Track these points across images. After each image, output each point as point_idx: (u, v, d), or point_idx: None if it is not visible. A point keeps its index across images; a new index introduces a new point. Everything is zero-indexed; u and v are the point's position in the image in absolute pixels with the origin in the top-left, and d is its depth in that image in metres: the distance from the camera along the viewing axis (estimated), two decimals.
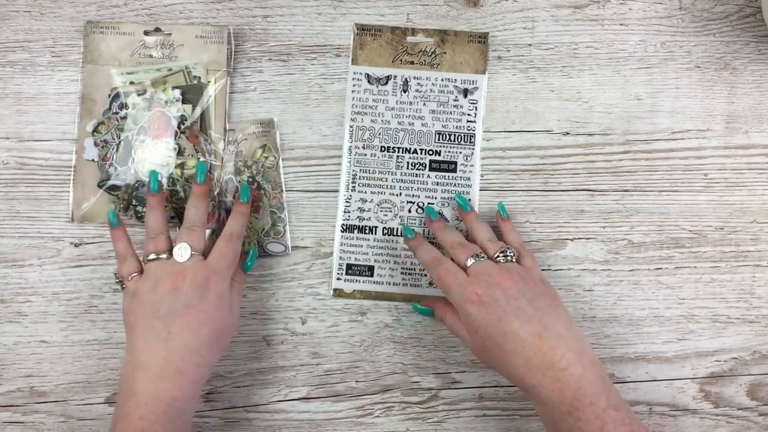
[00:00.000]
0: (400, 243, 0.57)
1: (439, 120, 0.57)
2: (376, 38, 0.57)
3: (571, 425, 0.44)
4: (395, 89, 0.57)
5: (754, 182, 0.58)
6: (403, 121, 0.57)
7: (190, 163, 0.57)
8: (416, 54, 0.57)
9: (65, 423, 0.57)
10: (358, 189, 0.57)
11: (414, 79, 0.57)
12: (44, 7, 0.59)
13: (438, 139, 0.57)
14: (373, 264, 0.57)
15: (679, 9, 0.59)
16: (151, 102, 0.58)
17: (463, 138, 0.57)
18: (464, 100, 0.57)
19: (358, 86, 0.57)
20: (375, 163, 0.57)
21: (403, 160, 0.57)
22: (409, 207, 0.57)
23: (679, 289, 0.58)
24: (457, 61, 0.57)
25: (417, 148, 0.57)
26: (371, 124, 0.57)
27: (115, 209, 0.57)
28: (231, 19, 0.59)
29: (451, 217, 0.57)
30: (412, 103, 0.57)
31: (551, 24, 0.59)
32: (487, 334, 0.47)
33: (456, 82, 0.57)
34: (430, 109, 0.57)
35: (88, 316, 0.58)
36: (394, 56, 0.57)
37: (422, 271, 0.57)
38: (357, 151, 0.57)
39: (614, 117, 0.58)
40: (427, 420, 0.57)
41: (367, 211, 0.57)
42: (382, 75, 0.57)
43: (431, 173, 0.57)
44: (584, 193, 0.58)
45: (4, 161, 0.58)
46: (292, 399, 0.57)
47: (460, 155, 0.57)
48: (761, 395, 0.57)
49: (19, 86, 0.59)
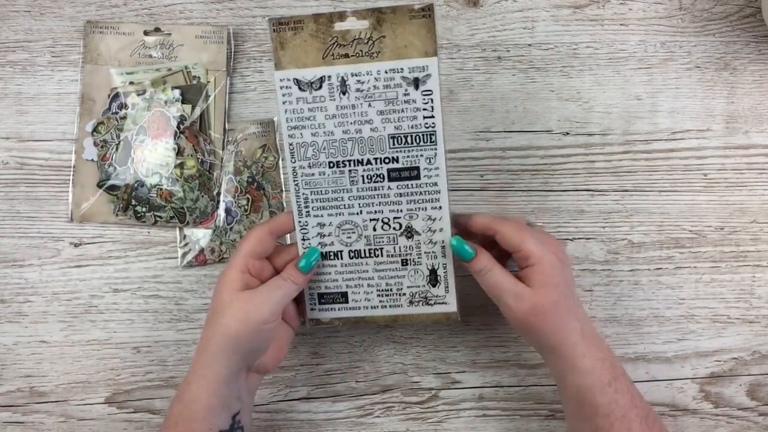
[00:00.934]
0: (370, 264, 0.51)
1: (390, 121, 0.48)
2: (298, 32, 0.47)
3: (610, 398, 0.45)
4: (332, 92, 0.48)
5: (754, 182, 0.58)
6: (349, 129, 0.48)
7: (190, 163, 0.57)
8: (350, 44, 0.47)
9: (65, 423, 0.57)
10: (313, 213, 0.50)
11: (352, 77, 0.47)
12: (44, 7, 0.59)
13: (393, 143, 0.48)
14: (345, 290, 0.52)
15: (679, 9, 0.59)
16: (150, 102, 0.58)
17: (422, 138, 0.48)
18: (416, 92, 0.47)
19: (288, 95, 0.48)
20: (325, 182, 0.49)
21: (356, 174, 0.49)
22: (373, 225, 0.50)
23: (679, 289, 0.58)
24: (400, 45, 0.47)
25: (370, 158, 0.49)
26: (313, 138, 0.49)
27: (115, 209, 0.57)
28: (231, 19, 0.59)
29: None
30: (354, 106, 0.48)
31: (551, 24, 0.59)
32: (565, 293, 0.46)
33: (403, 72, 0.47)
34: (378, 109, 0.48)
35: (88, 316, 0.58)
36: (323, 51, 0.47)
37: (399, 290, 0.52)
38: (303, 171, 0.49)
39: (614, 117, 0.58)
40: (427, 420, 0.57)
41: (328, 236, 0.50)
42: (313, 77, 0.47)
43: (391, 183, 0.49)
44: (584, 193, 0.58)
45: (4, 161, 0.58)
46: (292, 399, 0.57)
47: (421, 158, 0.49)
48: (761, 395, 0.57)
49: (19, 86, 0.59)
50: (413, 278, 0.51)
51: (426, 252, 0.51)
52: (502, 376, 0.58)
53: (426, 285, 0.51)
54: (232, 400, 0.47)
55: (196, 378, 0.46)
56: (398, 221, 0.50)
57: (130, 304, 0.58)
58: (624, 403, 0.45)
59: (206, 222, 0.58)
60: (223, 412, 0.47)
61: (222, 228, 0.58)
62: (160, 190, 0.57)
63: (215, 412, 0.46)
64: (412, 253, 0.51)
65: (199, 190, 0.57)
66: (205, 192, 0.58)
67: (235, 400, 0.48)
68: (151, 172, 0.57)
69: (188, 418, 0.46)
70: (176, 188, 0.57)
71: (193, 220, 0.57)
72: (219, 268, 0.58)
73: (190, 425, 0.46)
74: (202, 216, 0.58)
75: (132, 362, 0.57)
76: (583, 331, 0.46)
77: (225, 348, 0.46)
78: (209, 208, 0.58)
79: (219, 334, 0.46)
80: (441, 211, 0.50)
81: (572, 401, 0.47)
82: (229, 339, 0.46)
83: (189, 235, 0.58)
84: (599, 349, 0.46)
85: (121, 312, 0.58)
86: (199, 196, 0.57)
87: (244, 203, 0.58)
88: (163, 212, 0.57)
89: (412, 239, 0.50)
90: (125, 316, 0.58)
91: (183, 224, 0.57)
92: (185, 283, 0.58)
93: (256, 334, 0.46)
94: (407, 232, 0.50)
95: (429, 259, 0.51)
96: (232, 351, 0.46)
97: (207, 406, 0.46)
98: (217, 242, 0.58)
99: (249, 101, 0.59)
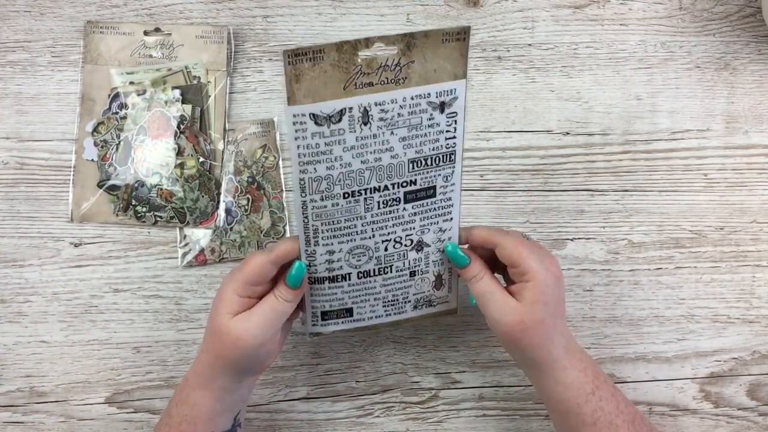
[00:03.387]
0: (378, 281, 0.49)
1: (412, 147, 0.45)
2: (317, 62, 0.41)
3: (594, 406, 0.45)
4: (353, 124, 0.43)
5: (754, 182, 0.58)
6: (368, 159, 0.44)
7: (190, 163, 0.57)
8: (375, 72, 0.42)
9: (65, 423, 0.57)
10: (322, 243, 0.46)
11: (376, 106, 0.42)
12: (44, 7, 0.59)
13: (412, 167, 0.45)
14: (350, 306, 0.50)
15: (679, 9, 0.59)
16: (150, 102, 0.58)
17: (442, 159, 0.46)
18: (441, 116, 0.44)
19: (302, 131, 0.42)
20: (339, 212, 0.45)
21: (372, 201, 0.46)
22: (385, 246, 0.48)
23: (679, 289, 0.58)
24: (429, 70, 0.43)
25: (388, 184, 0.45)
26: (327, 172, 0.44)
27: (115, 209, 0.57)
28: (231, 19, 0.59)
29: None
30: (376, 135, 0.43)
31: (551, 24, 0.59)
32: (553, 312, 0.46)
33: (429, 97, 0.43)
34: (400, 137, 0.44)
35: (88, 316, 0.58)
36: (345, 82, 0.42)
37: (405, 299, 0.50)
38: (314, 204, 0.45)
39: (614, 117, 0.58)
40: (427, 420, 0.57)
41: (336, 261, 0.47)
42: (332, 111, 0.42)
43: (407, 205, 0.47)
44: (584, 193, 0.58)
45: (4, 161, 0.58)
46: (292, 399, 0.57)
47: (439, 177, 0.46)
48: (761, 395, 0.57)
49: (19, 86, 0.59)
50: (419, 286, 0.50)
51: (434, 261, 0.50)
52: (502, 376, 0.58)
53: (431, 290, 0.51)
54: (236, 403, 0.48)
55: (200, 386, 0.47)
56: (410, 238, 0.48)
57: (130, 304, 0.58)
58: (609, 410, 0.46)
59: (206, 222, 0.58)
60: (226, 414, 0.48)
61: (222, 228, 0.58)
62: (160, 190, 0.57)
63: (219, 416, 0.47)
64: (421, 264, 0.49)
65: (199, 190, 0.57)
66: (205, 192, 0.58)
67: (238, 403, 0.49)
68: (152, 172, 0.57)
69: (192, 421, 0.46)
70: (176, 188, 0.57)
71: (193, 220, 0.57)
72: (219, 268, 0.58)
73: (194, 427, 0.46)
74: (202, 216, 0.58)
75: (132, 362, 0.57)
76: (567, 345, 0.47)
77: (223, 368, 0.46)
78: (209, 208, 0.58)
79: (216, 357, 0.46)
80: (452, 222, 0.48)
81: (558, 413, 0.47)
82: (226, 361, 0.46)
83: (189, 235, 0.58)
84: (580, 360, 0.47)
85: (122, 312, 0.58)
86: (199, 196, 0.57)
87: (244, 203, 0.58)
88: (163, 212, 0.57)
89: (421, 251, 0.49)
90: (125, 316, 0.58)
91: (183, 224, 0.57)
92: (185, 283, 0.58)
93: (252, 358, 0.46)
94: (418, 246, 0.49)
95: (436, 267, 0.50)
96: (230, 370, 0.46)
97: (211, 411, 0.47)
98: (217, 242, 0.58)
99: (249, 101, 0.59)
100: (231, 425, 0.48)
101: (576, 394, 0.46)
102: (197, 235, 0.58)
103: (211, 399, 0.47)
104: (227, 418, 0.48)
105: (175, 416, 0.47)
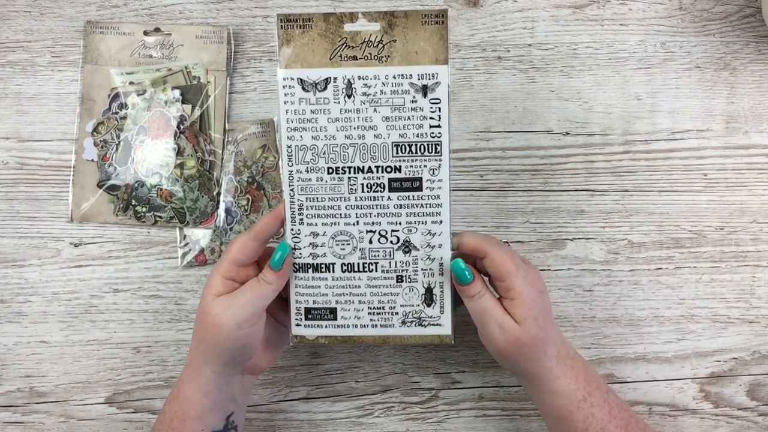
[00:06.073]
0: (363, 280, 0.49)
1: (396, 128, 0.47)
2: (306, 30, 0.46)
3: (585, 413, 0.46)
4: (337, 95, 0.46)
5: (754, 182, 0.58)
6: (351, 134, 0.47)
7: (190, 163, 0.57)
8: (359, 46, 0.46)
9: (65, 423, 0.57)
10: (306, 221, 0.48)
11: (359, 80, 0.46)
12: (44, 7, 0.59)
13: (396, 151, 0.47)
14: (334, 306, 0.49)
15: (679, 9, 0.59)
16: (150, 102, 0.58)
17: (427, 148, 0.47)
18: (424, 100, 0.46)
19: (290, 95, 0.46)
20: (323, 188, 0.47)
21: (356, 182, 0.47)
22: (369, 237, 0.48)
23: (679, 289, 0.58)
24: (411, 51, 0.46)
25: (372, 165, 0.47)
26: (313, 142, 0.47)
27: (115, 209, 0.57)
28: (231, 19, 0.59)
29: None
30: (359, 110, 0.46)
31: (551, 24, 0.59)
32: (543, 325, 0.46)
33: (412, 79, 0.46)
34: (383, 115, 0.46)
35: (88, 316, 0.58)
36: (331, 52, 0.46)
37: (392, 309, 0.49)
38: (300, 176, 0.47)
39: (614, 117, 0.58)
40: (427, 420, 0.57)
41: (320, 246, 0.48)
42: (318, 78, 0.46)
43: (392, 194, 0.47)
44: (584, 193, 0.58)
45: (4, 161, 0.58)
46: (292, 399, 0.57)
47: (424, 169, 0.47)
48: (761, 395, 0.57)
49: (19, 86, 0.59)
50: (407, 296, 0.49)
51: (423, 269, 0.48)
52: (502, 376, 0.58)
53: (421, 304, 0.49)
54: (226, 402, 0.48)
55: (189, 380, 0.47)
56: (396, 234, 0.48)
57: (130, 304, 0.58)
58: (601, 417, 0.46)
59: (206, 222, 0.58)
60: (216, 413, 0.47)
61: (222, 228, 0.58)
62: (160, 190, 0.57)
63: (208, 413, 0.47)
64: (408, 269, 0.49)
65: (199, 190, 0.57)
66: (205, 192, 0.58)
67: (229, 402, 0.48)
68: (151, 172, 0.58)
69: (182, 417, 0.46)
70: (176, 188, 0.57)
71: (193, 220, 0.57)
72: None
73: (183, 424, 0.46)
74: (202, 216, 0.58)
75: (132, 362, 0.57)
76: (558, 354, 0.47)
77: (207, 354, 0.46)
78: (209, 208, 0.58)
79: (200, 342, 0.46)
80: (441, 226, 0.48)
81: (551, 419, 0.48)
82: (207, 346, 0.46)
83: (189, 235, 0.58)
84: (572, 367, 0.47)
85: (121, 312, 0.58)
86: (199, 196, 0.58)
87: (244, 203, 0.58)
88: (163, 212, 0.57)
89: (409, 254, 0.48)
90: (125, 316, 0.58)
91: (183, 224, 0.58)
92: (185, 283, 0.58)
93: (232, 341, 0.45)
94: (404, 247, 0.48)
95: (426, 277, 0.49)
96: (213, 357, 0.46)
97: (199, 407, 0.46)
98: (217, 242, 0.58)
99: (249, 101, 0.59)
100: (223, 426, 0.48)
101: (567, 401, 0.46)
102: (197, 235, 0.58)
103: (199, 393, 0.46)
104: (218, 417, 0.47)
105: (167, 413, 0.47)
